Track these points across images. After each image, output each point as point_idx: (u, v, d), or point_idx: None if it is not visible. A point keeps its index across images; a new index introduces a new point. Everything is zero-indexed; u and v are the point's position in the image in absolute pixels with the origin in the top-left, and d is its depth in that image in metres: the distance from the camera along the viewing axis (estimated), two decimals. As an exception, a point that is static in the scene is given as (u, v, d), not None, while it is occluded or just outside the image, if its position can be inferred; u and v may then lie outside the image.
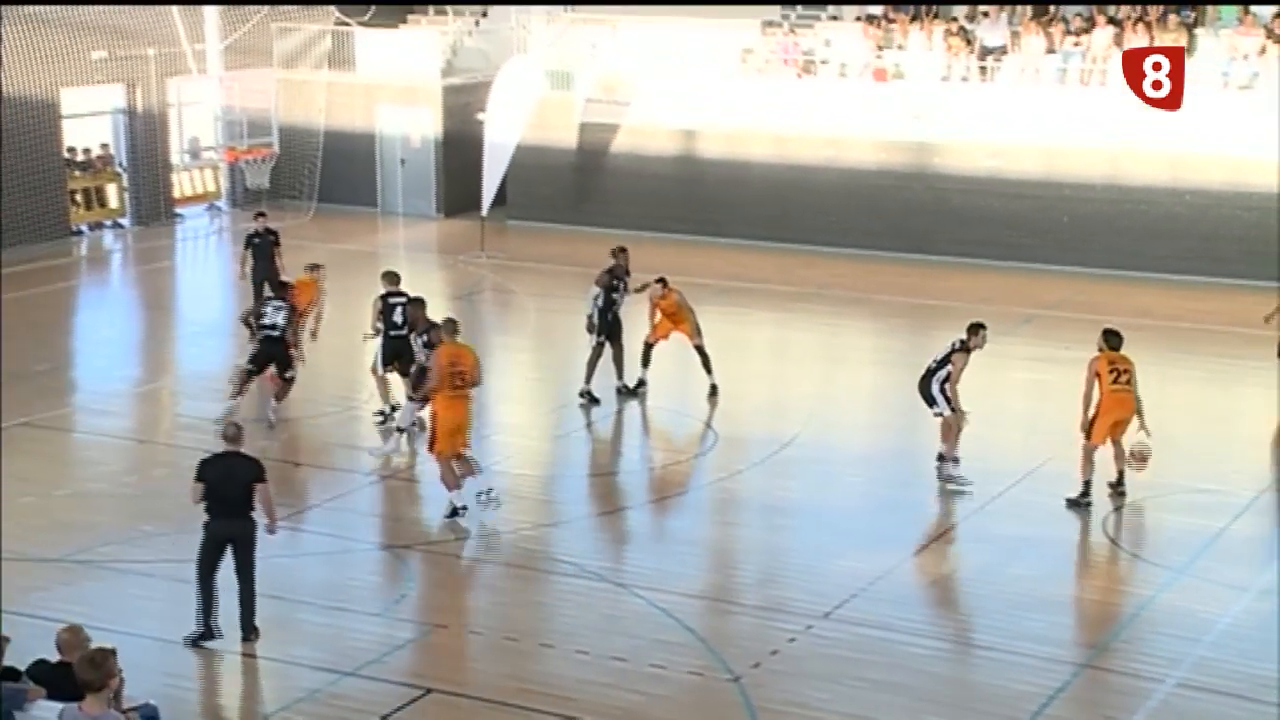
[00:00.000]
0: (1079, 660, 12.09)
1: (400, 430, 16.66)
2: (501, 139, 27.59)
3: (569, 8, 30.83)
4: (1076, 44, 26.77)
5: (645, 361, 18.75)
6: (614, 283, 18.48)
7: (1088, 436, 15.11)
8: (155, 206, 29.62)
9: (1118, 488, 15.34)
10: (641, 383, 18.79)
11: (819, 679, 11.67)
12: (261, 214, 22.38)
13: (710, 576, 14.06)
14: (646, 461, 17.37)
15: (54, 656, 9.35)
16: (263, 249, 21.58)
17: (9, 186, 26.45)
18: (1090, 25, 27.05)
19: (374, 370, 17.51)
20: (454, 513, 14.58)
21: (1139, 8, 27.02)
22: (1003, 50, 27.35)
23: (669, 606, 12.88)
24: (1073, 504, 15.08)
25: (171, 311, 24.69)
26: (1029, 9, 27.85)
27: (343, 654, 12.01)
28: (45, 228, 27.08)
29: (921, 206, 27.24)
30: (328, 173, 30.90)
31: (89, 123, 29.06)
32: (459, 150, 29.97)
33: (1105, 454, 15.31)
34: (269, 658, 12.08)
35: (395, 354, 17.11)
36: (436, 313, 24.40)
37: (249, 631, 12.11)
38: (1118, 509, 15.12)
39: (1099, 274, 25.51)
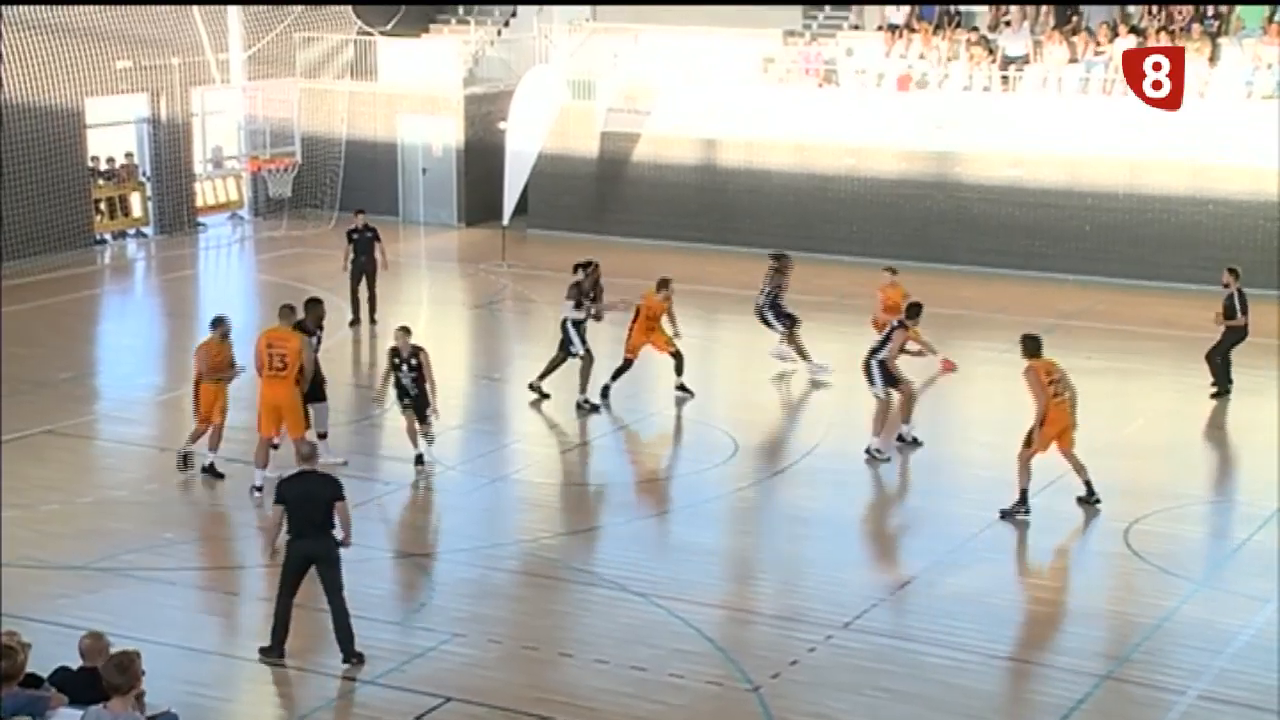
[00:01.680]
0: (1100, 671, 12.03)
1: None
2: (523, 148, 27.64)
3: (590, 18, 30.89)
4: (1099, 53, 26.70)
5: (616, 375, 18.86)
6: (580, 297, 18.76)
7: (1027, 444, 14.82)
8: (178, 215, 29.75)
9: (1090, 498, 15.10)
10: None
11: (839, 689, 11.64)
12: (361, 210, 23.17)
13: (730, 586, 14.04)
14: (666, 470, 17.35)
15: (76, 663, 9.39)
16: (363, 244, 22.40)
17: (34, 195, 26.59)
18: (1113, 34, 26.97)
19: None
20: (257, 489, 15.24)
21: (1162, 16, 26.95)
22: (1025, 60, 27.29)
23: (688, 616, 12.86)
24: (1008, 515, 14.77)
25: (193, 320, 24.70)
26: (1051, 19, 27.80)
27: (362, 661, 12.00)
28: (70, 236, 27.23)
29: (942, 216, 27.19)
30: (349, 182, 30.98)
31: (113, 132, 29.21)
32: (480, 159, 30.04)
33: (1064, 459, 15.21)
34: (289, 666, 12.09)
35: (412, 400, 16.33)
36: (454, 323, 24.58)
37: (349, 656, 11.84)
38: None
39: (1120, 284, 25.42)
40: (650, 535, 15.03)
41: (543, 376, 18.89)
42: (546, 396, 18.85)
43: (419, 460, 16.26)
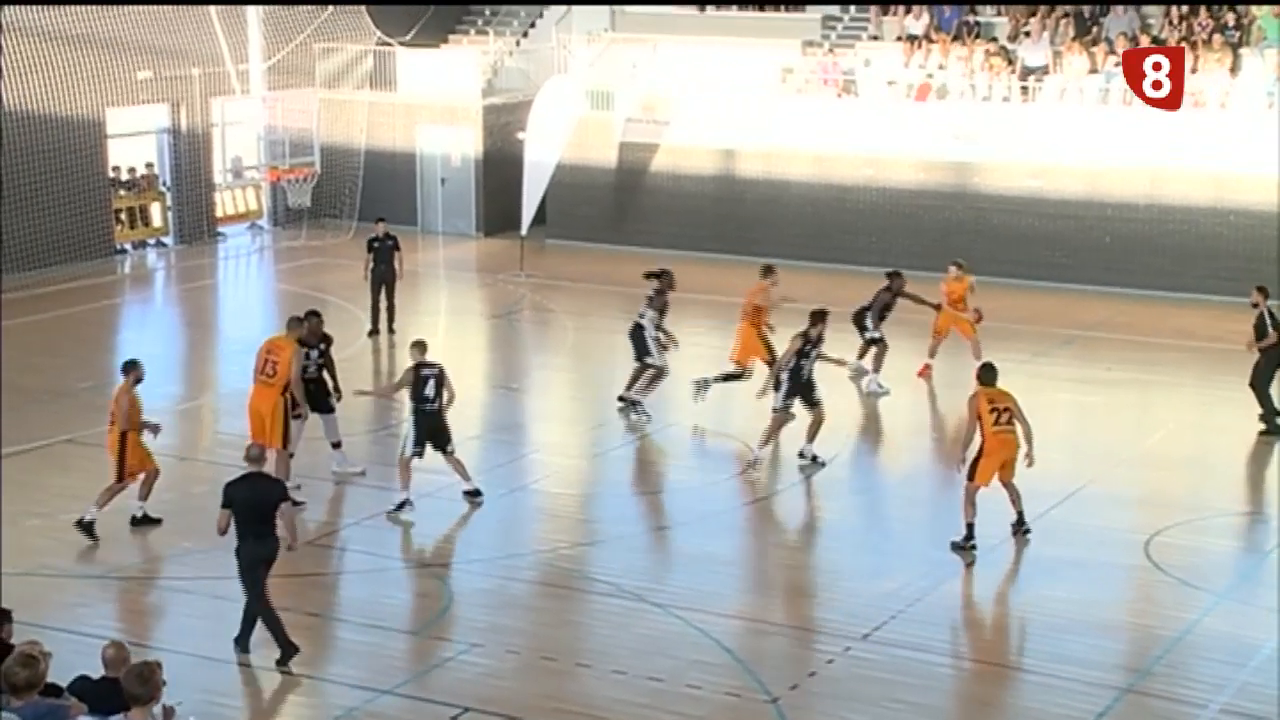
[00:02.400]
0: (1121, 684, 11.97)
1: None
2: (541, 158, 27.68)
3: (609, 29, 30.93)
4: (1119, 64, 26.62)
5: (726, 379, 18.95)
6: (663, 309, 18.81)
7: (970, 478, 14.34)
8: (198, 225, 29.85)
9: (1020, 527, 14.62)
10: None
11: (857, 701, 11.61)
12: (382, 219, 23.21)
13: (748, 597, 14.01)
14: (684, 480, 17.32)
15: (96, 672, 9.39)
16: (383, 253, 22.38)
17: (55, 205, 26.70)
18: (1134, 45, 26.87)
19: (402, 456, 15.65)
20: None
21: (1183, 27, 26.87)
22: (1044, 70, 27.24)
23: (706, 627, 12.84)
24: (957, 548, 14.30)
25: (213, 329, 24.86)
26: (1071, 29, 27.75)
27: (380, 672, 12.03)
28: (90, 246, 27.33)
29: (961, 226, 27.13)
30: (368, 192, 31.05)
31: (134, 142, 29.33)
32: (499, 169, 30.08)
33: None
34: (306, 675, 12.11)
35: (431, 431, 15.51)
36: (473, 333, 24.61)
37: (245, 645, 12.07)
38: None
39: (1141, 295, 25.32)
40: (668, 545, 15.01)
41: (629, 387, 18.85)
42: (635, 404, 18.74)
43: (475, 494, 15.69)
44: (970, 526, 14.30)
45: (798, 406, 16.74)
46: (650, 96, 29.20)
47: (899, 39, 28.79)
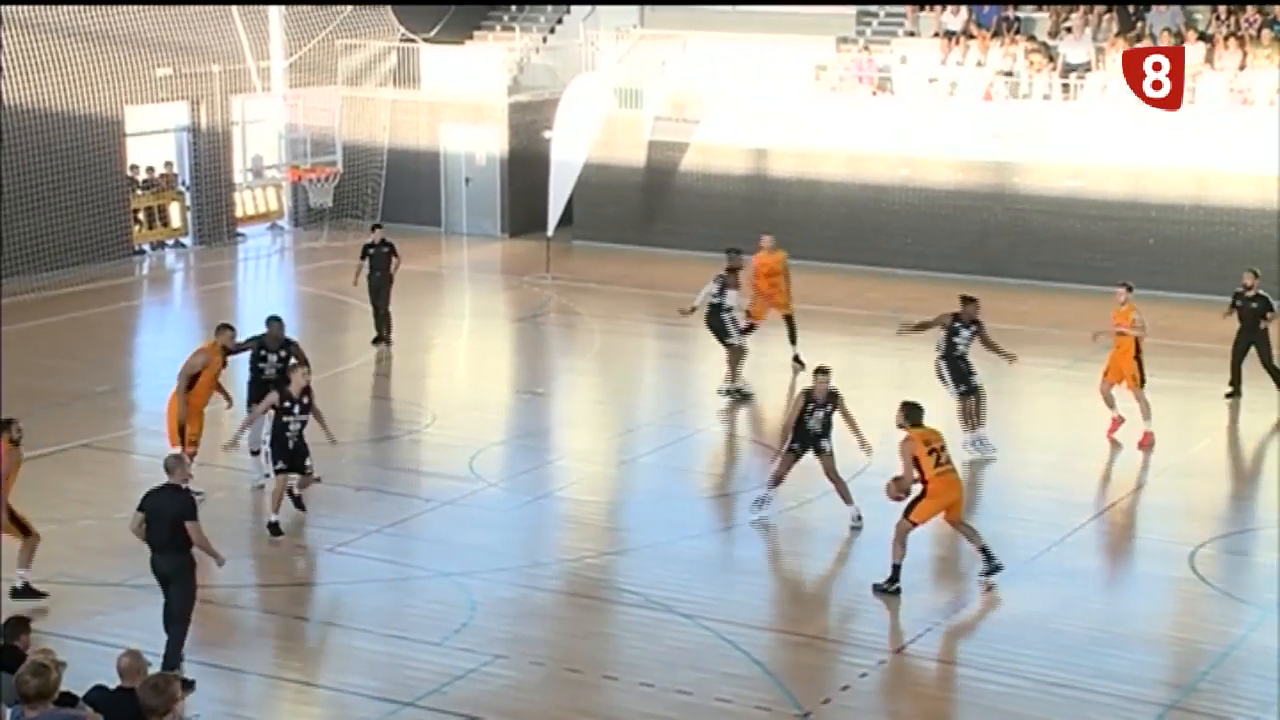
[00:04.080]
0: (1164, 700, 11.90)
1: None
2: (568, 158, 27.71)
3: (638, 24, 30.94)
4: (1163, 61, 26.45)
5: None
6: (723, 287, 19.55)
7: (907, 515, 13.66)
8: (217, 226, 29.99)
9: (991, 562, 13.96)
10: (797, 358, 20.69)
11: (891, 716, 11.57)
12: (378, 225, 22.95)
13: (779, 608, 13.98)
14: (714, 488, 17.30)
15: (112, 682, 9.44)
16: (378, 260, 22.10)
17: (73, 205, 26.85)
18: (1179, 41, 26.74)
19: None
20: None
21: (1231, 22, 26.71)
22: (1086, 67, 27.13)
23: (736, 639, 12.82)
24: (880, 590, 13.64)
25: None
26: (1114, 25, 27.62)
27: (401, 684, 12.04)
28: (108, 247, 27.47)
29: (1000, 228, 27.04)
30: (391, 192, 31.15)
31: (153, 140, 29.49)
32: (525, 169, 30.13)
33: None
34: (326, 687, 12.15)
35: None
36: (497, 336, 24.64)
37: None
38: (1199, 545, 14.78)
39: (1185, 299, 25.15)
40: (698, 555, 14.98)
41: (730, 379, 19.53)
42: (742, 395, 19.41)
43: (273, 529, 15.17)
44: (897, 569, 13.58)
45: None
46: (680, 94, 29.20)
47: (936, 35, 28.72)
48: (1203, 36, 26.59)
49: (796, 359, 20.70)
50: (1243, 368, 19.67)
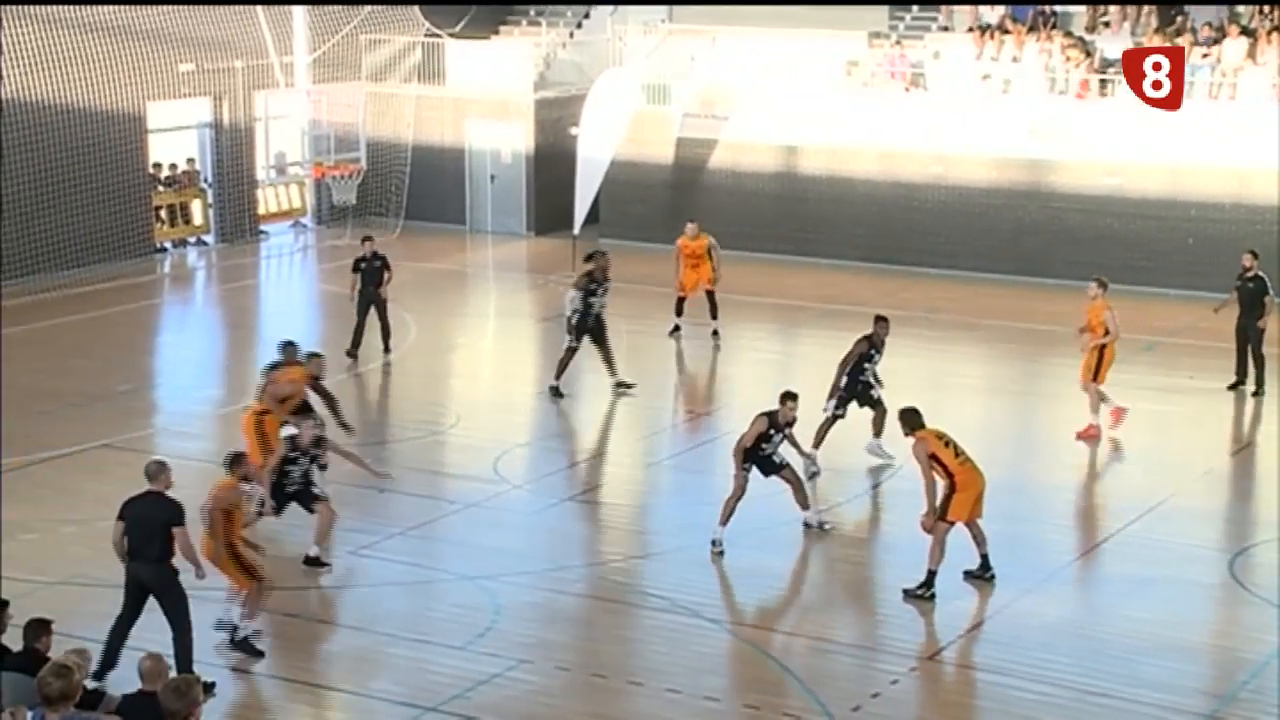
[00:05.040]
0: (1203, 710, 11.83)
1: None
2: (595, 155, 27.72)
3: (666, 19, 30.93)
4: (1205, 55, 26.36)
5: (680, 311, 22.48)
6: (592, 286, 19.71)
7: (943, 516, 13.51)
8: (240, 223, 30.11)
9: (985, 573, 13.94)
10: (677, 327, 22.62)
11: (923, 725, 11.54)
12: (369, 238, 22.56)
13: (808, 613, 13.96)
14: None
15: (133, 685, 9.49)
16: (370, 274, 21.69)
17: (94, 202, 26.98)
18: (1220, 36, 26.62)
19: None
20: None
21: (1275, 16, 26.55)
22: (1124, 62, 26.97)
23: (765, 644, 12.80)
24: (912, 596, 13.56)
25: (254, 331, 25.05)
26: (1154, 19, 27.49)
27: (424, 689, 12.07)
28: (129, 245, 27.61)
29: (1035, 227, 26.94)
30: (415, 189, 31.23)
31: (175, 137, 29.61)
32: (551, 166, 30.16)
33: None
34: (348, 691, 12.18)
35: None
36: (522, 336, 24.66)
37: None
38: (1239, 550, 14.72)
39: (1226, 299, 25.01)
40: (725, 559, 14.95)
41: (558, 375, 19.75)
42: (562, 396, 19.57)
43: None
44: (932, 574, 13.48)
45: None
46: (709, 90, 29.18)
47: (970, 30, 28.63)
48: (1245, 31, 26.44)
49: (715, 333, 22.62)
50: (1247, 356, 19.71)
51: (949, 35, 29.13)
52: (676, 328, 23.02)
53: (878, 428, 17.08)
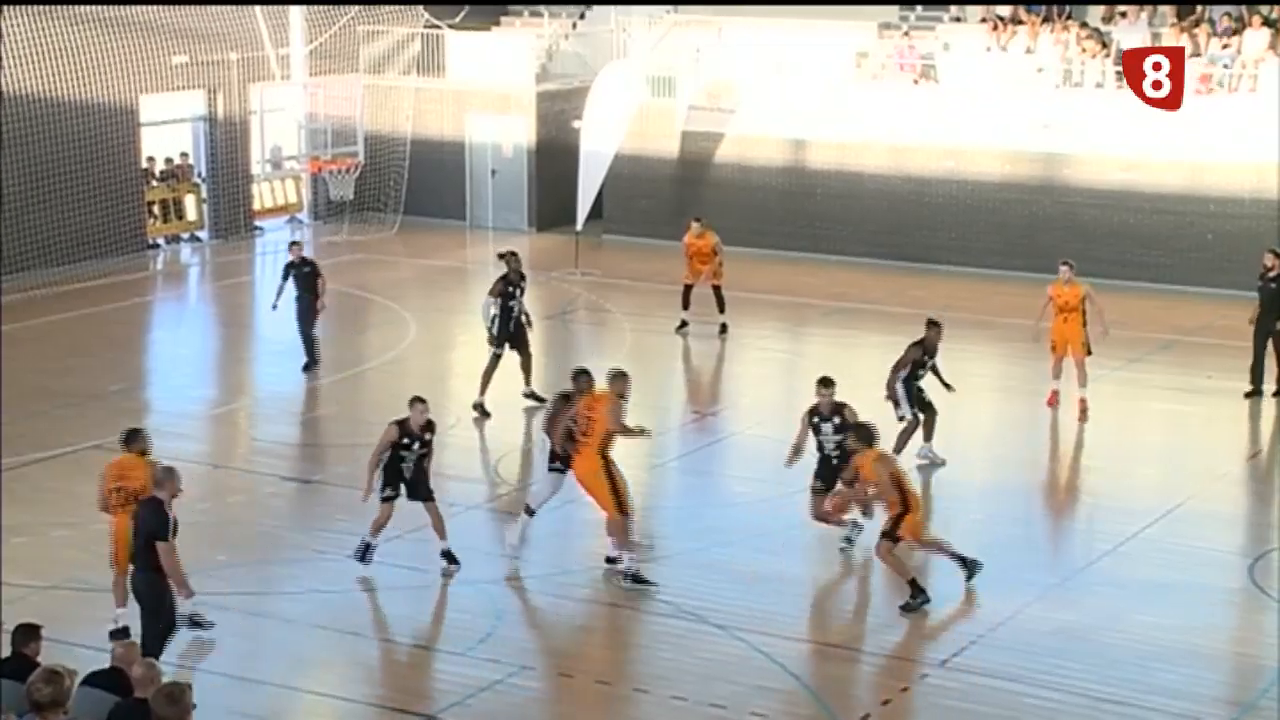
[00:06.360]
0: (1222, 718, 11.83)
1: None
2: (599, 148, 27.75)
3: (672, 8, 30.96)
4: (1225, 47, 26.35)
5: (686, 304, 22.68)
6: (509, 289, 19.23)
7: (893, 536, 13.53)
8: (234, 219, 30.14)
9: (919, 597, 13.64)
10: (684, 323, 22.80)
11: (934, 733, 11.55)
12: (296, 243, 22.10)
13: (816, 618, 13.98)
14: (750, 494, 17.29)
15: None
16: (301, 279, 20.95)
17: (84, 197, 26.99)
18: (1241, 27, 26.60)
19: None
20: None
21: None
22: (1141, 54, 26.95)
23: (772, 650, 12.82)
24: (909, 610, 13.49)
25: (249, 329, 25.09)
26: (1171, 9, 27.47)
27: (423, 696, 12.10)
28: (121, 241, 27.63)
29: (1049, 222, 26.94)
30: (414, 184, 31.26)
31: (168, 131, 29.65)
32: (553, 160, 30.19)
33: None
34: (344, 698, 12.20)
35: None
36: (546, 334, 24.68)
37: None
38: (1259, 555, 14.70)
39: (1246, 296, 24.97)
40: (732, 563, 14.97)
41: (482, 391, 19.18)
42: (488, 415, 19.05)
43: (449, 558, 14.50)
44: (914, 583, 13.52)
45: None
46: (715, 83, 29.20)
47: (983, 20, 28.63)
48: (1267, 22, 26.41)
49: (723, 327, 22.82)
50: (1265, 361, 19.60)
51: (961, 26, 29.13)
52: (683, 324, 23.03)
53: (928, 431, 17.04)
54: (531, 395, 19.20)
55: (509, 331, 19.20)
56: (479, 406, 19.08)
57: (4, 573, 13.54)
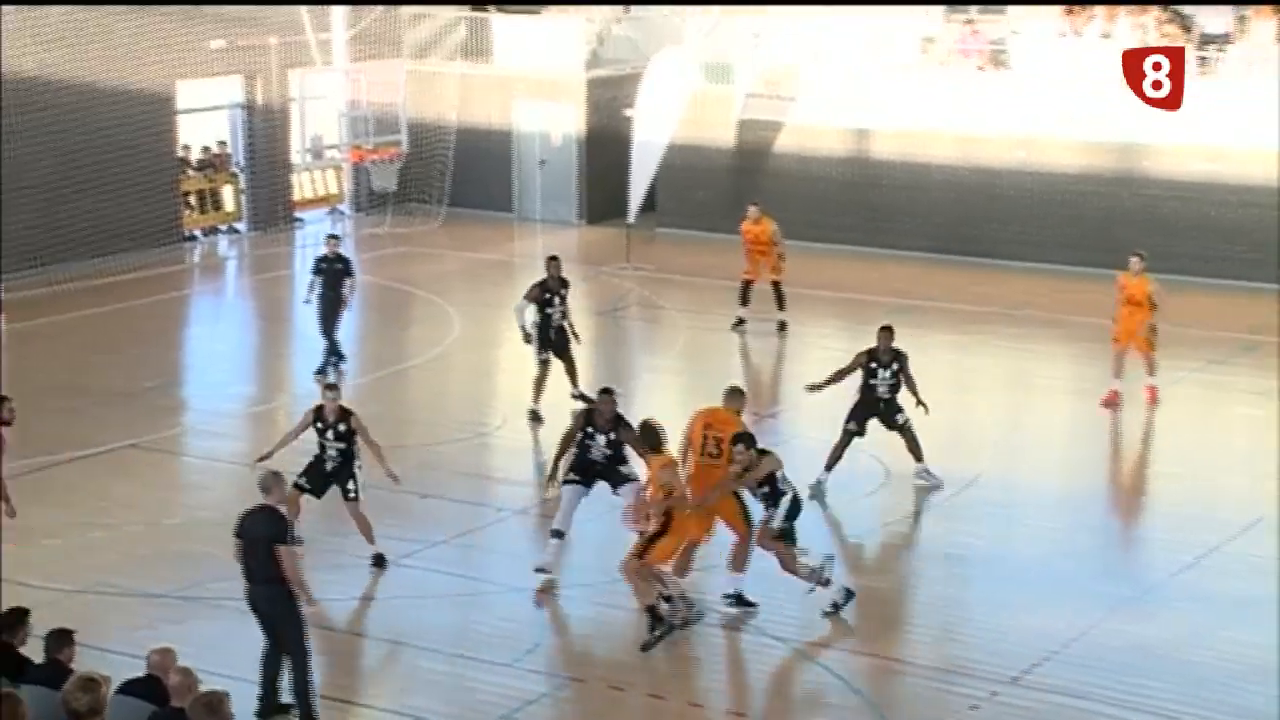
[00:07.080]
0: (1310, 741, 11.70)
1: None
2: (651, 138, 27.72)
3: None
4: (1315, 31, 26.05)
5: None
6: (546, 295, 19.13)
7: (640, 554, 13.24)
8: (273, 210, 30.31)
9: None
10: (741, 320, 22.94)
11: (1005, 753, 11.47)
12: (334, 236, 22.14)
13: (881, 632, 13.89)
14: (809, 500, 17.20)
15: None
16: (330, 276, 20.94)
17: (119, 187, 27.17)
18: (1334, 11, 26.29)
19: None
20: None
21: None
22: (1226, 38, 26.72)
23: (833, 664, 12.77)
24: (646, 647, 13.09)
25: (289, 324, 25.20)
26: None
27: (468, 707, 12.10)
28: (157, 233, 27.82)
29: (1126, 216, 26.71)
30: (460, 174, 31.34)
31: (205, 118, 29.83)
32: (604, 150, 30.19)
33: None
34: (387, 709, 12.23)
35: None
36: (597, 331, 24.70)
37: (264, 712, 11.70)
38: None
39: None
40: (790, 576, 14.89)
41: (535, 398, 19.06)
42: (541, 420, 18.85)
43: (378, 561, 14.64)
44: (652, 609, 13.13)
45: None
46: (773, 69, 29.11)
47: (1056, 3, 28.40)
48: (1357, 5, 26.08)
49: (781, 325, 22.93)
50: None
51: (1033, 10, 28.89)
52: (740, 320, 22.97)
53: (915, 452, 16.77)
54: (581, 397, 19.18)
55: (549, 338, 19.14)
56: (533, 413, 19.05)
57: (36, 575, 13.64)
